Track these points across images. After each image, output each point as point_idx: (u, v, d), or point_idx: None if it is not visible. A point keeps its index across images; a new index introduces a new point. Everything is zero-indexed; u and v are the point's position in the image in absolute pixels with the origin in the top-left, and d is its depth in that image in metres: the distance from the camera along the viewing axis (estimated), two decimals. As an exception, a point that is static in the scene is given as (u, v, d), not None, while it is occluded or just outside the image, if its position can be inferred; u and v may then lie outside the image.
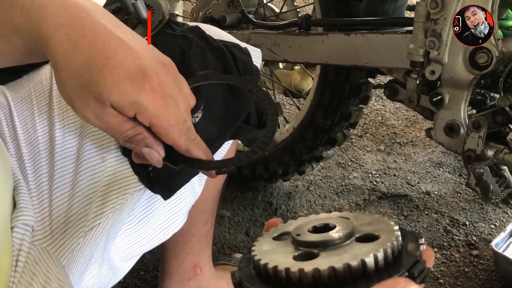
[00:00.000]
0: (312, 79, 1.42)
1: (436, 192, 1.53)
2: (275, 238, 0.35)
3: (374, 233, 0.32)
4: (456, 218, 1.42)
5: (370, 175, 1.63)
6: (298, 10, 1.47)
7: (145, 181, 0.63)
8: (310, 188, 1.58)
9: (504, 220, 1.40)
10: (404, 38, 1.01)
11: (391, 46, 1.03)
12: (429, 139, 1.42)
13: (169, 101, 0.47)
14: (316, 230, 0.34)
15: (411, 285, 0.27)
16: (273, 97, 1.65)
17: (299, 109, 1.47)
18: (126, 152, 0.62)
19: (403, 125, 1.94)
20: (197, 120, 0.62)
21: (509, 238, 1.22)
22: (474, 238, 1.34)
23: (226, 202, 1.51)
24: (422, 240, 0.32)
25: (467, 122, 0.95)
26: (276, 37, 1.21)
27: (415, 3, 0.96)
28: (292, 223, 0.36)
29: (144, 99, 0.46)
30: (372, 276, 0.29)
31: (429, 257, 0.32)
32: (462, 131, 0.96)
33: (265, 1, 1.43)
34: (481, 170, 0.89)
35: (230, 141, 0.79)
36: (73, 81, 0.46)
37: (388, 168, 1.67)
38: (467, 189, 1.53)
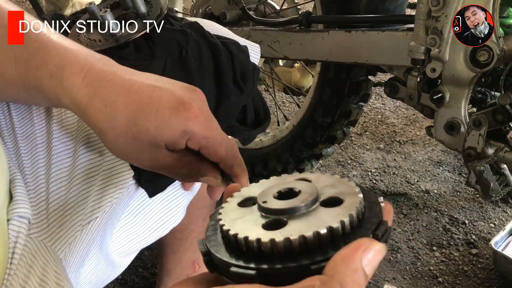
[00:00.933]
0: (312, 76, 1.42)
1: (435, 191, 1.53)
2: (240, 205, 0.35)
3: (339, 197, 0.32)
4: (455, 216, 1.41)
5: (369, 174, 1.63)
6: (298, 7, 1.47)
7: (136, 176, 0.64)
8: (309, 186, 1.58)
9: (503, 219, 1.40)
10: (405, 35, 1.01)
11: (392, 44, 1.03)
12: (428, 137, 1.42)
13: (211, 122, 0.51)
14: (281, 195, 0.34)
15: (375, 244, 0.28)
16: (273, 95, 1.65)
17: (299, 106, 1.47)
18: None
19: (402, 123, 1.93)
20: None
21: (508, 237, 1.22)
22: (474, 237, 1.34)
23: (225, 199, 1.51)
24: (381, 199, 0.33)
25: (468, 120, 0.95)
26: (276, 34, 1.21)
27: (416, 1, 0.95)
28: (255, 187, 0.37)
29: (191, 126, 0.49)
30: (340, 241, 0.30)
31: (389, 212, 0.33)
32: (462, 129, 0.95)
33: (265, -2, 1.43)
34: (481, 168, 0.88)
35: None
36: (123, 138, 0.49)
37: (388, 166, 1.67)
38: (467, 188, 1.53)
